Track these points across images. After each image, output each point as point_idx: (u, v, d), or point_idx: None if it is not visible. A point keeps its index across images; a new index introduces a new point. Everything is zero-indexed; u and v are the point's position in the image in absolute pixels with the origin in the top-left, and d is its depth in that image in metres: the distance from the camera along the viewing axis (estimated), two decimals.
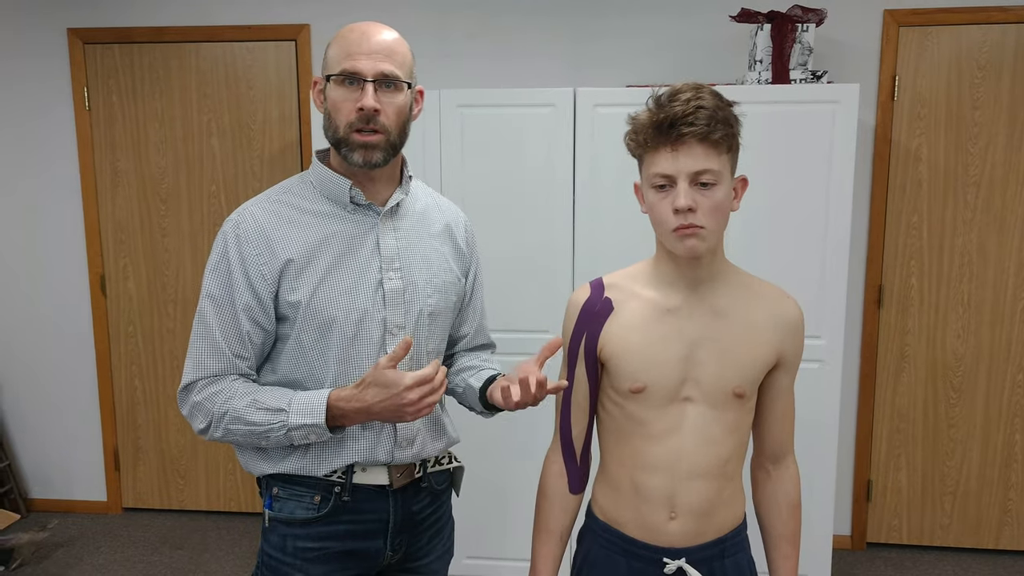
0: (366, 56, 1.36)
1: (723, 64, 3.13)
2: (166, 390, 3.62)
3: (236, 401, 1.37)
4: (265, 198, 1.46)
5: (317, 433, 1.35)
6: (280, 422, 1.35)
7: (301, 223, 1.42)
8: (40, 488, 3.74)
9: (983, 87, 3.06)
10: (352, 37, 1.38)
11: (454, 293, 1.55)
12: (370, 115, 1.36)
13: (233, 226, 1.41)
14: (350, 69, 1.36)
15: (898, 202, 3.17)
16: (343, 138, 1.39)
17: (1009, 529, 3.27)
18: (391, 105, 1.39)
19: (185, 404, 1.41)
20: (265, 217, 1.41)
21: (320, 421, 1.34)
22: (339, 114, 1.39)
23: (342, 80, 1.37)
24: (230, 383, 1.39)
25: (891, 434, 3.29)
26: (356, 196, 1.44)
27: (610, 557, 1.41)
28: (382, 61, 1.37)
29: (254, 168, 3.45)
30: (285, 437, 1.36)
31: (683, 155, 1.23)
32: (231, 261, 1.39)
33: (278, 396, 1.37)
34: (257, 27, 3.33)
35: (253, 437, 1.37)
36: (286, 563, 1.45)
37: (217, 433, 1.39)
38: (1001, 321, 3.17)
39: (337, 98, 1.38)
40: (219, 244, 1.42)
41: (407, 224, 1.50)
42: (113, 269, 3.56)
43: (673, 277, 1.35)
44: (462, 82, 3.23)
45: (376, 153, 1.39)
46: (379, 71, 1.37)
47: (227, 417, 1.37)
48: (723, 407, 1.34)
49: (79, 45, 3.42)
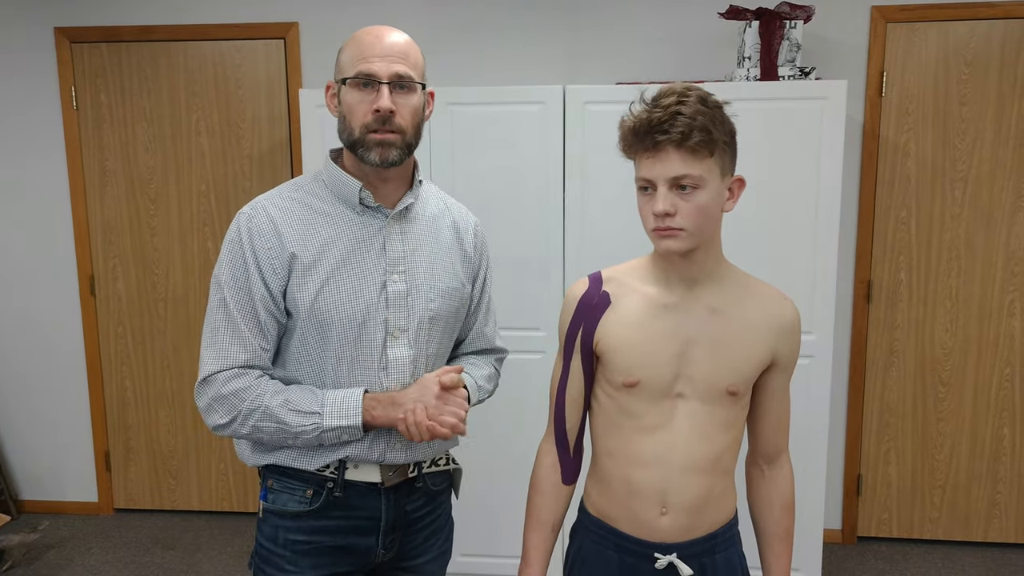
0: (380, 59, 1.38)
1: (712, 61, 3.14)
2: (157, 390, 3.61)
3: (269, 399, 1.37)
4: (278, 194, 1.48)
5: (350, 433, 1.39)
6: (313, 424, 1.37)
7: (311, 222, 1.43)
8: (31, 489, 3.72)
9: (970, 83, 3.08)
10: (366, 40, 1.40)
11: (457, 299, 1.55)
12: (386, 116, 1.38)
13: (246, 219, 1.42)
14: (365, 71, 1.38)
15: (886, 198, 3.18)
16: (359, 139, 1.40)
17: (998, 522, 3.30)
18: (406, 106, 1.41)
19: (204, 396, 1.39)
20: (277, 213, 1.43)
21: (356, 422, 1.38)
22: (354, 116, 1.40)
23: (357, 83, 1.39)
24: (256, 380, 1.39)
25: (881, 428, 3.31)
26: (366, 198, 1.45)
27: (602, 553, 1.42)
28: (396, 63, 1.39)
29: (243, 167, 3.44)
30: (316, 439, 1.39)
31: (660, 161, 1.25)
32: (245, 253, 1.40)
33: (310, 398, 1.39)
34: (246, 25, 3.32)
35: (281, 435, 1.39)
36: (277, 554, 1.46)
37: (244, 429, 1.39)
38: (989, 315, 3.19)
39: (352, 101, 1.40)
40: (233, 235, 1.43)
41: (416, 228, 1.51)
42: (102, 270, 3.54)
43: (669, 274, 1.36)
44: (451, 80, 3.23)
45: (392, 151, 1.41)
46: (394, 72, 1.38)
47: (258, 413, 1.37)
48: (716, 404, 1.35)
49: (66, 44, 3.40)
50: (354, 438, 1.41)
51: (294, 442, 1.40)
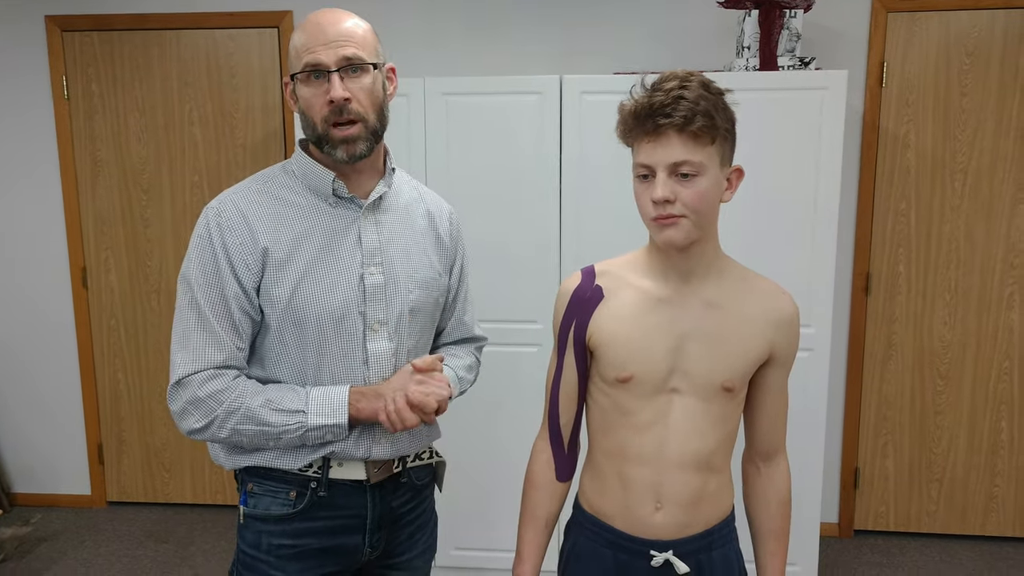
0: (324, 46, 1.33)
1: (711, 51, 3.11)
2: (150, 383, 3.58)
3: (249, 400, 1.33)
4: (246, 187, 1.42)
5: (335, 432, 1.34)
6: (298, 423, 1.33)
7: (283, 215, 1.39)
8: (23, 482, 3.70)
9: (971, 74, 3.05)
10: (309, 30, 1.36)
11: (436, 289, 1.52)
12: (341, 105, 1.34)
13: (215, 213, 1.37)
14: (312, 62, 1.34)
15: (886, 189, 3.16)
16: (323, 135, 1.37)
17: (995, 515, 3.29)
18: (361, 90, 1.36)
19: (178, 400, 1.33)
20: (247, 206, 1.38)
21: (342, 420, 1.34)
22: (312, 111, 1.36)
23: (307, 76, 1.35)
24: (233, 381, 1.34)
25: (878, 422, 3.29)
26: (339, 189, 1.41)
27: (596, 550, 1.40)
28: (342, 47, 1.34)
29: (237, 157, 3.40)
30: (299, 439, 1.34)
31: (661, 146, 1.21)
32: (216, 249, 1.35)
33: (292, 396, 1.35)
34: (239, 14, 3.28)
35: (261, 438, 1.34)
36: (262, 560, 1.42)
37: (222, 433, 1.34)
38: (988, 308, 3.17)
39: (307, 95, 1.36)
40: (201, 231, 1.37)
41: (390, 218, 1.48)
42: (94, 262, 3.51)
43: (665, 267, 1.33)
44: (448, 70, 3.20)
45: (358, 145, 1.37)
46: (341, 57, 1.34)
47: (237, 415, 1.32)
48: (711, 400, 1.33)
49: (57, 33, 3.36)
50: (338, 438, 1.37)
51: (275, 444, 1.36)
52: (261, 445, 1.37)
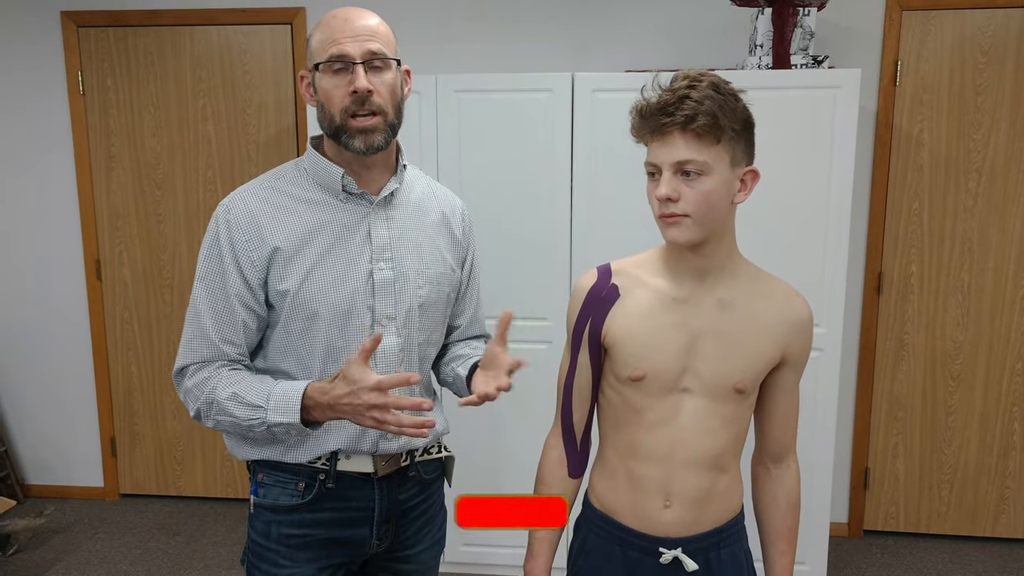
0: (351, 39, 1.35)
1: (723, 49, 3.10)
2: (163, 376, 3.61)
3: (219, 392, 1.35)
4: (258, 184, 1.45)
5: (298, 429, 1.33)
6: (259, 419, 1.32)
7: (293, 211, 1.40)
8: (37, 474, 3.74)
9: (986, 73, 3.03)
10: (335, 23, 1.37)
11: (447, 284, 1.53)
12: (364, 96, 1.35)
13: (224, 211, 1.40)
14: (337, 53, 1.35)
15: (899, 188, 3.14)
16: (340, 125, 1.37)
17: (1006, 517, 3.27)
18: (383, 84, 1.38)
19: (180, 389, 1.41)
20: (256, 203, 1.40)
21: (295, 420, 1.30)
22: (332, 101, 1.37)
23: (331, 67, 1.36)
24: (216, 371, 1.37)
25: (889, 422, 3.28)
26: (348, 185, 1.42)
27: (606, 547, 1.40)
28: (368, 41, 1.36)
29: (250, 153, 3.42)
30: (267, 432, 1.34)
31: (667, 145, 1.23)
32: (222, 247, 1.38)
33: (258, 390, 1.34)
34: (253, 10, 3.29)
35: (239, 429, 1.37)
36: (270, 549, 1.44)
37: (209, 422, 1.38)
38: (1001, 309, 3.16)
39: (328, 86, 1.37)
40: (211, 229, 1.41)
41: (401, 214, 1.48)
42: (108, 255, 3.54)
43: (680, 267, 1.33)
44: (460, 67, 3.20)
45: (376, 136, 1.38)
46: (367, 51, 1.35)
47: (213, 407, 1.36)
48: (722, 400, 1.33)
49: (72, 28, 3.38)
50: (302, 434, 1.36)
51: (253, 435, 1.36)
52: (245, 435, 1.39)
